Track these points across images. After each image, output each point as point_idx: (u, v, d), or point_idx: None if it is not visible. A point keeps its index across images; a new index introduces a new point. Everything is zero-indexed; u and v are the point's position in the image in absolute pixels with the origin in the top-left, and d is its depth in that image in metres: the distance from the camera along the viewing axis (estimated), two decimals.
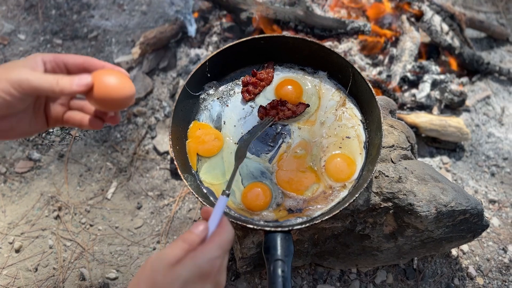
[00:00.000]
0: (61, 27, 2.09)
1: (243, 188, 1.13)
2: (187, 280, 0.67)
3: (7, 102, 0.72)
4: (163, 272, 0.67)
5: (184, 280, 0.66)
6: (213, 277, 0.70)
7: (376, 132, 1.16)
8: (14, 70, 0.73)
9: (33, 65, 0.76)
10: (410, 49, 1.83)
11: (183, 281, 0.66)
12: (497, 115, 1.87)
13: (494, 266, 1.51)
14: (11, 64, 0.76)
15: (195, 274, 0.67)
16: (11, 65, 0.76)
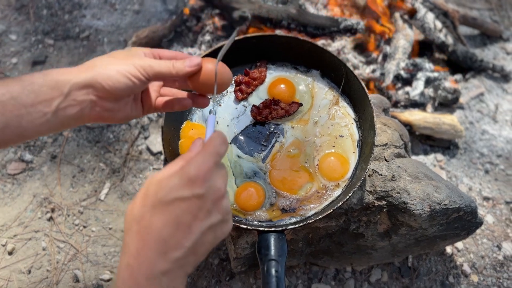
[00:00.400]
0: (53, 27, 2.08)
1: (236, 188, 1.13)
2: (174, 186, 0.66)
3: (132, 84, 0.80)
4: (155, 184, 0.68)
5: (171, 187, 0.66)
6: (201, 181, 0.67)
7: (369, 130, 1.15)
8: (135, 57, 0.82)
9: (142, 55, 0.85)
10: (403, 46, 1.83)
11: (170, 188, 0.66)
12: (491, 112, 1.87)
13: (488, 263, 1.51)
14: (126, 53, 0.84)
15: (181, 181, 0.67)
16: (127, 54, 0.84)
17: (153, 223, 0.66)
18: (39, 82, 0.75)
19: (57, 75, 0.77)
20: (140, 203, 0.68)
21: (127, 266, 0.65)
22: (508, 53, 2.08)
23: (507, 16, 2.20)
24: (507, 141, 1.80)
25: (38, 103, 0.75)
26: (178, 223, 0.66)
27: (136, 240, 0.66)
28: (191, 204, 0.67)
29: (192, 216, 0.67)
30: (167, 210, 0.66)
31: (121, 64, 0.79)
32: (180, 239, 0.66)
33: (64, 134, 1.76)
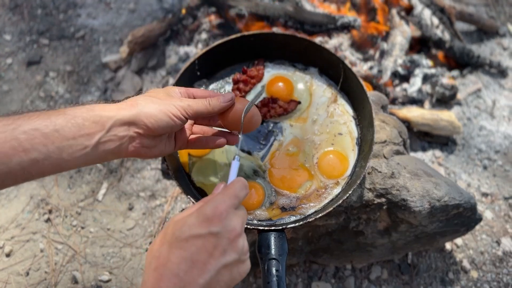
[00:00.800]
0: (48, 27, 2.06)
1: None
2: (190, 225, 0.69)
3: (173, 123, 0.85)
4: (174, 224, 0.71)
5: (189, 225, 0.69)
6: (218, 220, 0.70)
7: (368, 128, 1.15)
8: (174, 98, 0.89)
9: (179, 95, 0.92)
10: (400, 43, 1.83)
11: (187, 226, 0.69)
12: (488, 108, 1.88)
13: (488, 259, 1.51)
14: (165, 92, 0.90)
15: (197, 219, 0.70)
16: (166, 93, 0.90)
17: (169, 259, 0.68)
18: (82, 116, 0.78)
19: (100, 110, 0.80)
20: (159, 242, 0.71)
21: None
22: (505, 49, 2.08)
23: (503, 11, 2.20)
24: (504, 136, 1.80)
25: (80, 136, 0.78)
26: (193, 260, 0.68)
27: (153, 276, 0.68)
28: (206, 242, 0.69)
29: (208, 253, 0.69)
30: (183, 247, 0.69)
31: (163, 104, 0.84)
32: (195, 276, 0.68)
33: None
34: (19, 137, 0.73)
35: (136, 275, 1.47)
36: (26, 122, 0.75)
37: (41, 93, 1.87)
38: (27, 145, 0.74)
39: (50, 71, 1.93)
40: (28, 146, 0.74)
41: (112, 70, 1.92)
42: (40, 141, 0.75)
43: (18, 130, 0.74)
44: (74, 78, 1.92)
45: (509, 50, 2.07)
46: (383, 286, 1.46)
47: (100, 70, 1.93)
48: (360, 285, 1.46)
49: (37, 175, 0.77)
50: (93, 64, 1.95)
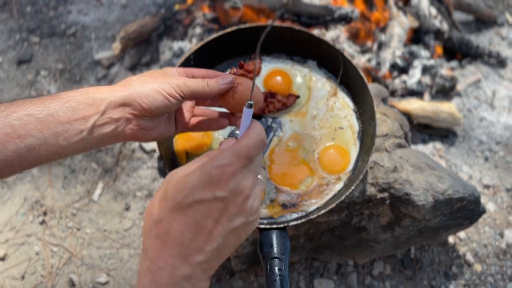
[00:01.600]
0: (38, 24, 2.02)
1: None
2: (194, 187, 0.62)
3: (168, 102, 0.82)
4: (174, 184, 0.64)
5: (191, 187, 0.62)
6: (224, 184, 0.62)
7: (369, 121, 1.12)
8: (170, 76, 0.86)
9: (176, 74, 0.89)
10: (398, 34, 1.80)
11: (190, 188, 0.62)
12: (488, 98, 1.85)
13: (491, 251, 1.50)
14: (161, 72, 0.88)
15: (202, 181, 0.62)
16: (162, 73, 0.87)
17: (172, 227, 0.62)
18: (76, 99, 0.77)
19: (94, 93, 0.79)
20: (158, 205, 0.64)
21: (147, 271, 0.63)
22: (503, 38, 2.06)
23: (501, 0, 2.17)
24: (505, 127, 1.78)
25: (75, 120, 0.77)
26: (198, 227, 0.63)
27: (156, 245, 0.63)
28: (211, 207, 0.62)
29: (213, 220, 0.63)
30: (186, 213, 0.62)
31: (157, 83, 0.82)
32: (201, 244, 0.63)
33: None
34: (13, 123, 0.72)
35: (135, 276, 1.44)
36: (19, 108, 0.74)
37: (33, 92, 1.83)
38: (22, 131, 0.72)
39: (41, 70, 1.89)
40: (23, 132, 0.73)
41: (105, 67, 1.88)
42: (34, 126, 0.73)
43: (11, 117, 0.73)
44: (66, 76, 1.88)
45: (508, 40, 2.05)
46: (386, 282, 1.44)
47: (92, 68, 1.89)
48: (363, 281, 1.44)
49: (34, 162, 0.76)
50: (85, 62, 1.91)
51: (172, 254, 0.62)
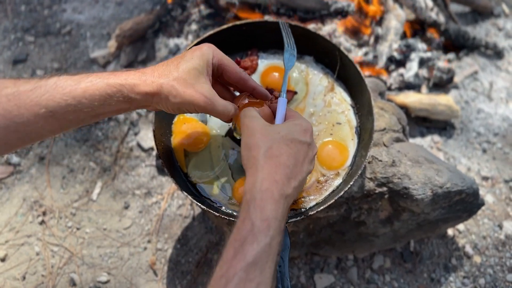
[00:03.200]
0: (33, 23, 2.00)
1: (234, 183, 1.09)
2: (293, 131, 0.84)
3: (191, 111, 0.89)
4: (268, 126, 0.84)
5: (291, 130, 0.84)
6: (310, 135, 0.87)
7: (367, 116, 1.12)
8: (201, 80, 0.87)
9: (208, 73, 0.90)
10: (395, 27, 1.79)
11: (290, 130, 0.84)
12: (486, 90, 1.85)
13: (490, 243, 1.50)
14: (196, 69, 0.87)
15: (297, 129, 0.85)
16: (198, 70, 0.87)
17: (281, 153, 0.79)
18: (116, 96, 0.84)
19: (131, 93, 0.84)
20: (263, 138, 0.81)
21: (263, 180, 0.76)
22: (500, 29, 2.05)
23: None
24: (503, 119, 1.78)
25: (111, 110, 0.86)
26: (296, 158, 0.81)
27: (271, 164, 0.78)
28: (303, 147, 0.83)
29: (303, 157, 0.83)
30: (289, 145, 0.81)
31: (185, 97, 0.85)
32: (298, 171, 0.81)
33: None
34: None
35: (135, 274, 1.44)
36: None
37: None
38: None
39: (37, 69, 1.88)
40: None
41: (101, 65, 1.87)
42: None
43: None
44: None
45: (505, 31, 2.04)
46: (386, 275, 1.44)
47: (88, 66, 1.88)
48: (363, 274, 1.44)
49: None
50: (81, 60, 1.90)
51: (283, 173, 0.78)
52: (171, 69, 0.87)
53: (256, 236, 0.71)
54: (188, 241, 1.49)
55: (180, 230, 1.51)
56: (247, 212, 0.74)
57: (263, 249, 0.70)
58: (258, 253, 0.70)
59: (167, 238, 1.50)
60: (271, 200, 0.75)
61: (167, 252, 1.48)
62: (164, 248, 1.49)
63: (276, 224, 0.73)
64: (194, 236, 1.50)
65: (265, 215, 0.73)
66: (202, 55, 0.89)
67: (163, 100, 0.85)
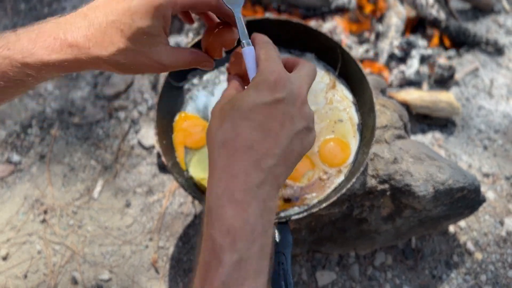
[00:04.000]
0: (32, 22, 1.99)
1: None
2: (251, 95, 0.61)
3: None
4: (228, 101, 0.63)
5: (249, 96, 0.61)
6: (282, 86, 0.61)
7: (369, 113, 1.12)
8: None
9: (164, 28, 0.69)
10: (396, 24, 1.79)
11: (248, 97, 0.61)
12: (486, 87, 1.85)
13: (491, 240, 1.50)
14: None
15: (258, 89, 0.61)
16: None
17: (238, 133, 0.59)
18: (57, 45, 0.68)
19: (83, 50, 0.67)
20: (217, 122, 0.61)
21: (219, 181, 0.59)
22: (501, 26, 2.05)
23: None
24: (503, 115, 1.78)
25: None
26: (264, 129, 0.60)
27: (224, 154, 0.59)
28: (273, 109, 0.60)
29: (277, 121, 0.61)
30: (248, 117, 0.59)
31: (138, 66, 0.69)
32: (270, 147, 0.60)
33: (52, 133, 1.70)
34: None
35: (137, 272, 1.45)
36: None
37: (29, 91, 1.82)
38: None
39: None
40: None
41: None
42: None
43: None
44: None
45: (505, 27, 2.04)
46: (388, 272, 1.44)
47: None
48: (365, 272, 1.45)
49: None
50: None
51: (243, 159, 0.58)
52: (113, 39, 0.67)
53: (220, 257, 0.55)
54: (190, 239, 1.49)
55: (182, 228, 1.51)
56: (207, 228, 0.58)
57: (232, 270, 0.55)
58: (227, 278, 0.54)
59: (168, 236, 1.50)
60: (231, 204, 0.57)
61: (169, 250, 1.48)
62: (166, 246, 1.49)
63: (247, 230, 0.56)
64: (196, 234, 1.50)
65: (226, 227, 0.56)
66: (153, 10, 0.66)
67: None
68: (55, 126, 1.72)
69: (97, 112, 1.75)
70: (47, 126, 1.72)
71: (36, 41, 0.67)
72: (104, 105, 1.76)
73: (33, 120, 1.73)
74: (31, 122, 1.72)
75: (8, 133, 1.70)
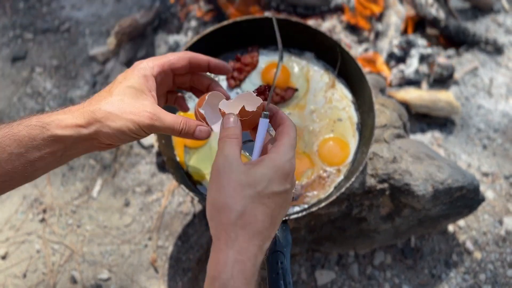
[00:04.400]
0: (31, 20, 1.99)
1: None
2: (272, 179, 0.67)
3: (137, 138, 0.79)
4: (246, 174, 0.66)
5: (269, 179, 0.66)
6: (291, 178, 0.70)
7: (368, 112, 1.12)
8: (143, 97, 0.78)
9: (150, 88, 0.80)
10: (395, 23, 1.79)
11: (268, 180, 0.66)
12: (486, 86, 1.85)
13: (490, 239, 1.50)
14: (133, 87, 0.78)
15: (277, 176, 0.67)
16: (135, 87, 0.78)
17: (257, 218, 0.65)
18: (40, 137, 0.73)
19: (56, 129, 0.74)
20: (234, 193, 0.66)
21: (235, 262, 0.64)
22: (500, 25, 2.05)
23: None
24: (503, 115, 1.78)
25: (43, 156, 0.75)
26: (273, 216, 0.67)
27: (244, 235, 0.65)
28: (282, 198, 0.68)
29: (282, 208, 0.69)
30: (265, 203, 0.66)
31: (123, 119, 0.75)
32: (271, 232, 0.68)
33: None
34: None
35: (136, 271, 1.44)
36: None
37: (28, 90, 1.82)
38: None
39: (36, 67, 1.87)
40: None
41: (100, 62, 1.86)
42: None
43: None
44: (61, 73, 1.86)
45: (505, 27, 2.04)
46: (387, 271, 1.44)
47: (87, 63, 1.88)
48: (364, 271, 1.45)
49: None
50: (80, 58, 1.89)
51: (255, 244, 0.64)
52: (103, 94, 0.78)
53: None
54: (189, 238, 1.49)
55: (181, 227, 1.51)
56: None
57: None
58: None
59: (168, 235, 1.50)
60: (244, 283, 0.63)
61: (168, 249, 1.48)
62: (165, 245, 1.48)
63: None
64: (195, 233, 1.50)
65: None
66: (136, 71, 0.80)
67: (102, 130, 0.75)
68: None
69: None
70: None
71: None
72: None
73: None
74: None
75: None
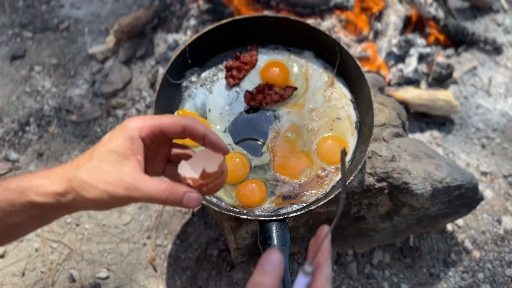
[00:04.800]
0: (30, 19, 1.99)
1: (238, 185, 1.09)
2: None
3: (116, 206, 0.74)
4: None
5: None
6: None
7: (367, 111, 1.12)
8: (126, 163, 0.72)
9: (135, 150, 0.74)
10: (394, 23, 1.79)
11: None
12: (485, 85, 1.85)
13: (489, 238, 1.50)
14: (116, 152, 0.73)
15: None
16: (118, 153, 0.73)
17: None
18: (17, 202, 0.71)
19: (35, 195, 0.71)
20: None
21: None
22: (499, 25, 2.05)
23: None
24: (501, 114, 1.78)
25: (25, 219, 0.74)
26: None
27: None
28: None
29: None
30: None
31: (100, 187, 0.70)
32: None
33: (50, 130, 1.69)
34: None
35: (135, 270, 1.44)
36: None
37: (27, 88, 1.81)
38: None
39: (35, 65, 1.87)
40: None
41: (99, 61, 1.86)
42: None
43: None
44: (60, 71, 1.86)
45: (503, 26, 2.04)
46: (386, 270, 1.45)
47: (87, 62, 1.87)
48: (363, 270, 1.45)
49: None
50: (79, 56, 1.89)
51: None
52: (83, 159, 0.74)
53: None
54: (187, 237, 1.49)
55: (180, 226, 1.51)
56: None
57: None
58: None
59: (166, 234, 1.50)
60: None
61: (166, 248, 1.48)
62: (163, 244, 1.48)
63: None
64: (194, 232, 1.50)
65: None
66: (122, 133, 0.74)
67: (78, 199, 0.71)
68: (53, 123, 1.71)
69: (95, 110, 1.74)
70: (44, 123, 1.71)
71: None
72: (102, 103, 1.76)
73: (31, 118, 1.72)
74: (29, 120, 1.72)
75: (6, 131, 1.69)
